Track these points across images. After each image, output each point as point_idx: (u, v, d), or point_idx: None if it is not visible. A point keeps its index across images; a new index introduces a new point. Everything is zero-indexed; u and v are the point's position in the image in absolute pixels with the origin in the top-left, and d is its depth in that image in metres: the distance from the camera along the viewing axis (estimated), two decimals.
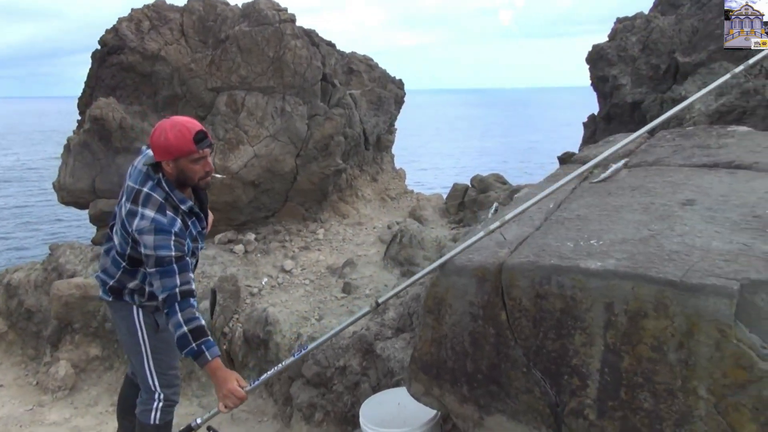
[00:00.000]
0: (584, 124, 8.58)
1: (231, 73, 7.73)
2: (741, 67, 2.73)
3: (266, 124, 7.72)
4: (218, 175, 3.75)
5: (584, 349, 2.78)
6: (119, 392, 4.70)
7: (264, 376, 3.71)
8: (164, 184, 3.48)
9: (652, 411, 2.62)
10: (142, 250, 3.39)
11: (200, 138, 3.42)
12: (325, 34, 8.63)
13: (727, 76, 2.86)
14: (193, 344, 3.36)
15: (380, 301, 3.46)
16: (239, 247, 7.26)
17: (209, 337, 3.48)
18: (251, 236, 7.59)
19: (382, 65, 9.97)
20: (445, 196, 8.70)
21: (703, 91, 2.86)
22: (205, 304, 6.09)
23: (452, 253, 3.21)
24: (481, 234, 3.08)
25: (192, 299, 3.46)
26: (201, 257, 6.82)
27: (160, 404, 4.00)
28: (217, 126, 7.64)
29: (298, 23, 8.03)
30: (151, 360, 3.93)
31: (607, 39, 8.28)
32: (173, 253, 3.37)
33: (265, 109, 7.75)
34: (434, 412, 3.92)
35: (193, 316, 3.41)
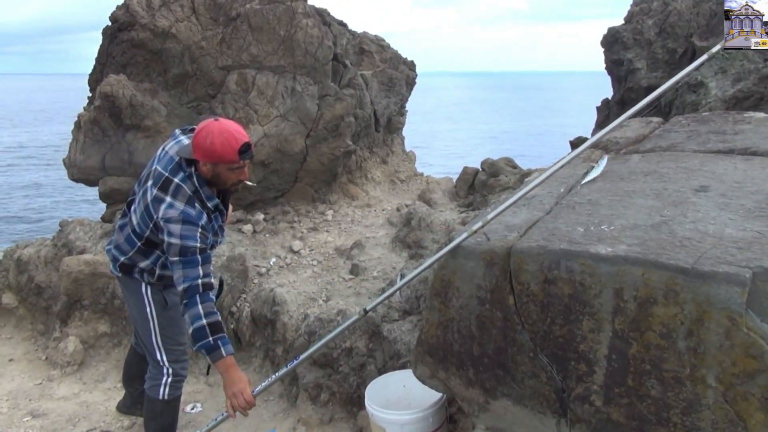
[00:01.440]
0: (597, 108, 8.47)
1: (242, 52, 7.68)
2: (717, 47, 2.67)
3: (276, 103, 7.67)
4: (249, 183, 3.79)
5: (592, 335, 2.75)
6: (125, 360, 4.79)
7: (261, 386, 3.69)
8: (195, 179, 3.50)
9: (660, 399, 2.60)
10: (166, 237, 3.40)
11: (244, 150, 3.43)
12: (338, 13, 8.54)
13: (704, 57, 2.79)
14: (210, 338, 3.38)
15: (368, 308, 3.45)
16: (248, 227, 7.26)
17: (225, 334, 3.49)
18: (260, 216, 7.58)
19: (394, 46, 9.88)
20: (455, 180, 8.65)
21: (673, 80, 2.79)
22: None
23: (431, 260, 3.20)
24: (465, 235, 3.05)
25: (211, 293, 3.49)
26: None
27: (169, 379, 4.04)
28: (227, 105, 7.61)
29: (310, 2, 7.95)
30: (159, 336, 3.97)
31: (623, 22, 8.16)
32: (198, 245, 3.40)
33: (275, 88, 7.70)
34: (440, 395, 3.92)
35: (212, 310, 3.44)
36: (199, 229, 3.43)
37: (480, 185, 7.86)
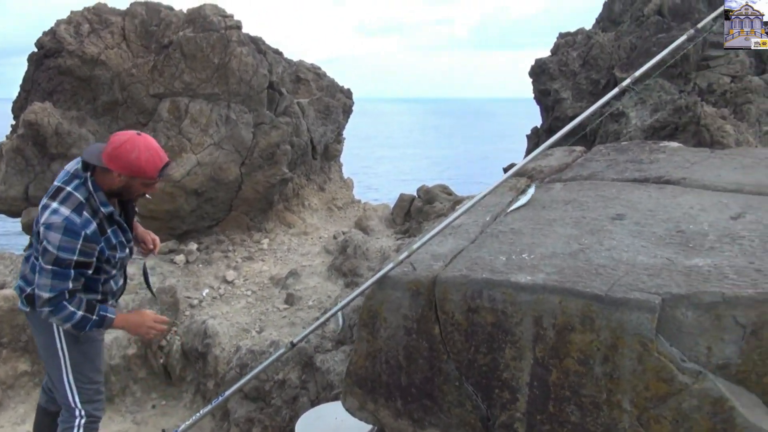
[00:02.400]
0: (528, 136, 8.73)
1: (174, 80, 7.57)
2: (627, 81, 2.80)
3: (210, 131, 7.58)
4: (149, 196, 3.75)
5: (514, 363, 2.79)
6: (34, 422, 4.41)
7: (188, 422, 3.58)
8: (89, 184, 3.36)
9: (579, 424, 2.64)
10: (44, 244, 3.26)
11: (164, 168, 3.42)
12: (277, 39, 8.53)
13: (615, 90, 2.92)
14: (93, 316, 3.35)
15: (295, 341, 3.42)
16: (180, 258, 7.09)
17: (99, 305, 3.46)
18: (193, 246, 7.43)
19: (337, 72, 9.95)
20: (392, 207, 8.71)
21: (585, 113, 2.92)
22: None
23: (356, 292, 3.23)
24: (391, 265, 3.08)
25: (77, 295, 3.39)
26: (140, 268, 6.64)
27: (82, 421, 3.81)
28: (159, 133, 7.47)
29: (255, 29, 7.95)
30: (71, 373, 3.75)
31: (549, 53, 8.48)
32: (74, 258, 3.25)
33: (209, 116, 7.61)
34: (370, 426, 3.88)
35: (81, 302, 3.36)
36: (81, 241, 3.28)
37: (416, 212, 7.94)
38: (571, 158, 4.52)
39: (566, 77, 7.78)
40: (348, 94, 9.96)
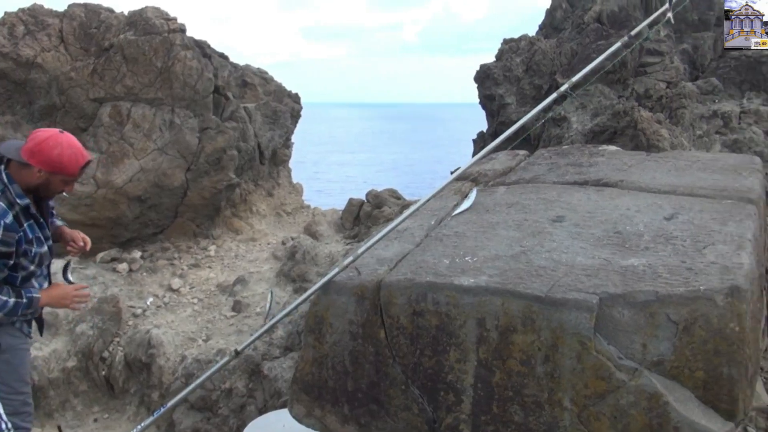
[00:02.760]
0: (474, 140, 8.85)
1: (115, 83, 7.38)
2: (565, 86, 2.87)
3: (154, 136, 7.41)
4: (65, 194, 3.74)
5: (458, 365, 2.81)
6: None
7: None
8: (3, 176, 3.33)
9: (522, 424, 2.68)
10: None
11: (84, 166, 3.41)
12: (223, 44, 8.40)
13: (554, 95, 2.99)
14: (23, 300, 3.32)
15: (239, 349, 3.38)
16: (123, 266, 6.91)
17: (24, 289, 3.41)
18: (137, 254, 7.24)
19: (285, 77, 9.92)
20: (341, 211, 8.68)
21: (528, 115, 2.99)
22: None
23: (301, 299, 3.21)
24: (336, 270, 3.07)
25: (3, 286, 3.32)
26: (80, 278, 6.43)
27: None
28: (100, 138, 7.26)
29: (204, 33, 7.82)
30: None
31: (494, 59, 8.63)
32: None
33: (152, 121, 7.45)
34: None
35: (9, 290, 3.30)
36: (1, 229, 3.25)
37: (365, 216, 7.94)
38: (514, 162, 4.61)
39: (510, 82, 7.94)
40: (296, 98, 9.90)
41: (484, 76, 8.22)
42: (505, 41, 8.45)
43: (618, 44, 2.82)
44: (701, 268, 2.64)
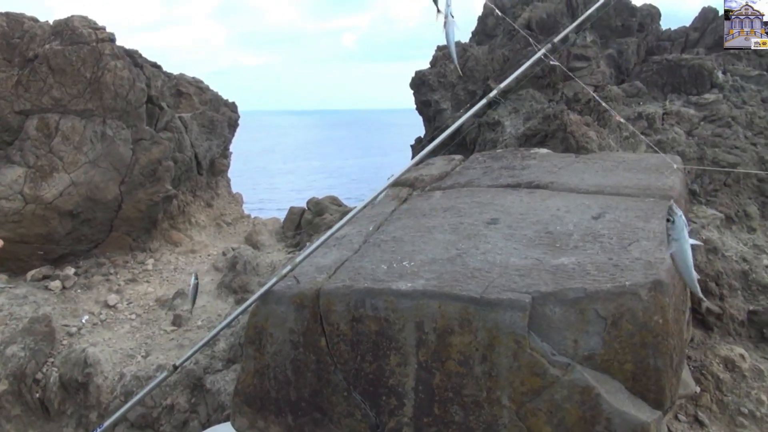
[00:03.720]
0: (412, 146, 8.95)
1: (42, 95, 7.12)
2: (494, 93, 2.96)
3: (85, 149, 7.18)
4: None
5: (399, 369, 2.85)
6: None
7: None
8: None
9: (463, 423, 2.73)
10: None
11: None
12: (165, 52, 8.24)
13: (483, 101, 3.07)
14: None
15: (177, 364, 3.33)
16: (56, 284, 6.66)
17: None
18: (70, 271, 6.99)
19: (225, 85, 9.77)
20: (282, 220, 8.62)
21: (453, 127, 3.07)
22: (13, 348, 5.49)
23: (239, 310, 3.20)
24: (274, 280, 3.07)
25: None
26: (10, 297, 6.17)
27: None
28: (27, 152, 6.99)
29: (135, 40, 7.61)
30: None
31: (429, 65, 8.76)
32: None
33: (82, 133, 7.21)
34: None
35: None
36: None
37: (306, 224, 7.91)
38: (450, 166, 4.69)
39: (445, 88, 8.06)
40: (233, 107, 9.76)
41: (419, 83, 8.33)
42: (439, 48, 8.60)
43: (540, 52, 2.92)
44: (626, 264, 2.76)
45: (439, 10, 2.81)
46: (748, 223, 5.68)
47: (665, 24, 9.24)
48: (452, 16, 2.76)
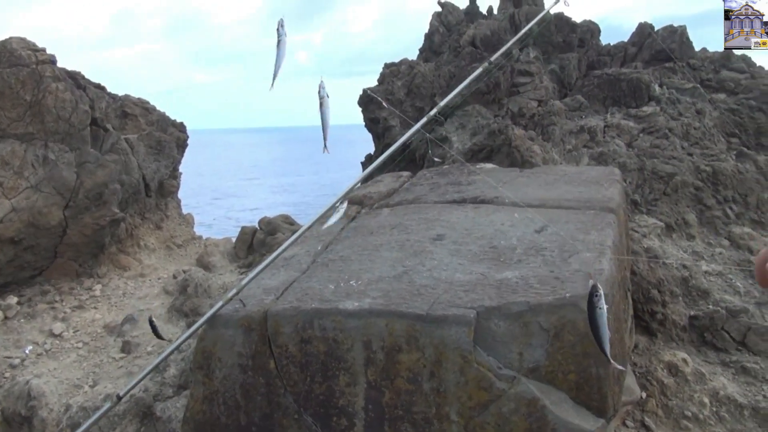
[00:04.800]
0: (362, 163, 8.99)
1: None
2: (434, 111, 3.02)
3: (26, 174, 6.97)
4: None
5: (349, 389, 2.84)
6: None
7: None
8: None
9: None
10: None
11: None
12: (113, 71, 8.08)
13: (423, 120, 3.12)
14: None
15: (121, 394, 3.25)
16: None
17: None
18: (12, 300, 6.74)
19: (178, 104, 9.64)
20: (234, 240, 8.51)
21: (396, 145, 3.11)
22: None
23: (185, 336, 3.17)
24: (220, 304, 3.05)
25: None
26: None
27: None
28: None
29: (80, 60, 7.43)
30: None
31: (376, 83, 8.85)
32: None
33: (23, 157, 7.00)
34: None
35: None
36: None
37: (259, 244, 7.83)
38: (398, 183, 4.73)
39: (393, 105, 8.15)
40: (181, 127, 9.62)
41: (367, 100, 8.39)
42: (386, 65, 8.69)
43: (479, 70, 2.99)
44: (567, 276, 2.83)
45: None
46: (687, 231, 5.90)
47: (605, 39, 9.57)
48: (327, 96, 2.87)
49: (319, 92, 2.87)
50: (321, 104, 2.86)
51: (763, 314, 5.03)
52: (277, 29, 2.87)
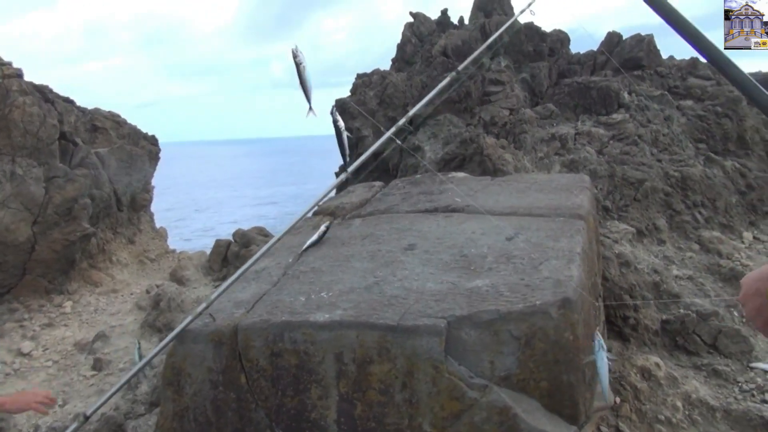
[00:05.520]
0: (336, 173, 8.97)
1: None
2: (403, 120, 3.03)
3: None
4: None
5: (321, 402, 2.81)
6: None
7: None
8: None
9: None
10: None
11: None
12: (88, 85, 7.99)
13: (393, 129, 3.13)
14: None
15: (88, 413, 3.18)
16: None
17: None
18: None
19: (154, 116, 9.58)
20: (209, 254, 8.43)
21: (364, 156, 3.12)
22: None
23: (153, 352, 3.12)
24: (189, 318, 3.00)
25: None
26: None
27: None
28: None
29: (54, 74, 7.36)
30: None
31: (349, 93, 8.88)
32: None
33: None
34: None
35: None
36: None
37: (233, 257, 7.76)
38: (370, 194, 4.73)
39: (365, 115, 8.17)
40: (153, 140, 9.56)
41: (340, 111, 8.30)
42: (359, 76, 8.72)
43: (446, 80, 3.00)
44: (537, 283, 2.84)
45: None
46: (657, 236, 5.98)
47: (574, 48, 9.72)
48: (303, 64, 2.84)
49: (295, 59, 2.82)
50: (299, 70, 2.82)
51: (733, 317, 5.11)
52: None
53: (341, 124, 2.95)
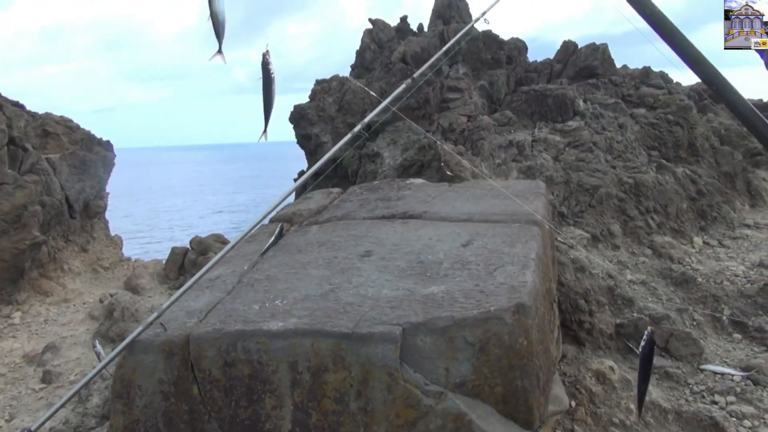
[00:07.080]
0: (295, 180, 8.87)
1: None
2: (358, 127, 3.02)
3: None
4: None
5: (275, 412, 2.76)
6: None
7: None
8: None
9: None
10: None
11: None
12: (43, 90, 7.74)
13: (348, 136, 3.12)
14: None
15: (33, 428, 3.08)
16: None
17: None
18: None
19: (112, 122, 9.38)
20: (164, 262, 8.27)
21: (321, 161, 3.11)
22: None
23: (101, 365, 3.04)
24: (140, 329, 2.93)
25: None
26: None
27: None
28: None
29: (6, 78, 7.10)
30: None
31: (308, 99, 8.84)
32: None
33: None
34: None
35: None
36: None
37: (190, 265, 7.64)
38: (328, 200, 4.70)
39: (325, 122, 8.15)
40: (108, 146, 9.33)
41: (299, 117, 8.35)
42: (318, 82, 8.69)
43: (402, 87, 3.00)
44: (492, 289, 2.85)
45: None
46: (612, 241, 6.10)
47: (532, 56, 9.87)
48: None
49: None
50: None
51: (684, 320, 5.23)
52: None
53: (274, 74, 2.77)
